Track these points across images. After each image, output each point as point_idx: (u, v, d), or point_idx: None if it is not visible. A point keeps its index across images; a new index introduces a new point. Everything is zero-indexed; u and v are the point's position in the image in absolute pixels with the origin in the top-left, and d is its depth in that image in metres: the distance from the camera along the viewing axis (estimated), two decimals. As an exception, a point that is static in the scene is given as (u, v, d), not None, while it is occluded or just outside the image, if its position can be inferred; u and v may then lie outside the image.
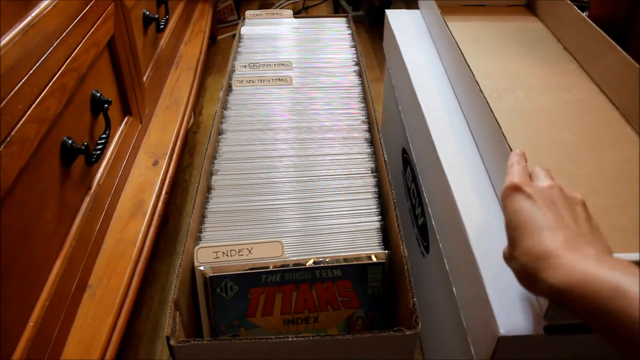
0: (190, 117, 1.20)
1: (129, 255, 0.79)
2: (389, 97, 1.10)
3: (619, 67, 0.76)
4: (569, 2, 0.91)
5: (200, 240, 0.62)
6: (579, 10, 0.87)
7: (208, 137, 0.74)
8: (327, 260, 0.58)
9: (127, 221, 0.84)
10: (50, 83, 0.65)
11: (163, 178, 0.93)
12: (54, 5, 0.66)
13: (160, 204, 0.89)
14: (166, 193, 0.92)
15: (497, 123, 0.63)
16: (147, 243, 0.82)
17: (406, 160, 0.92)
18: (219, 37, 1.95)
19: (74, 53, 0.71)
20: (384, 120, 1.21)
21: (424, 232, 0.80)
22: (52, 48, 0.65)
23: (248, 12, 1.12)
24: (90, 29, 0.76)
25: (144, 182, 0.91)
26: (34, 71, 0.61)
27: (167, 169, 0.96)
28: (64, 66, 0.68)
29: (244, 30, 1.06)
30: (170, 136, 1.04)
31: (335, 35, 1.04)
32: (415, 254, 0.86)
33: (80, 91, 0.74)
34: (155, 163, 0.95)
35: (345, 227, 0.63)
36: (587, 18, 0.85)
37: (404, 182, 0.95)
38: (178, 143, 1.04)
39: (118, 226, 0.82)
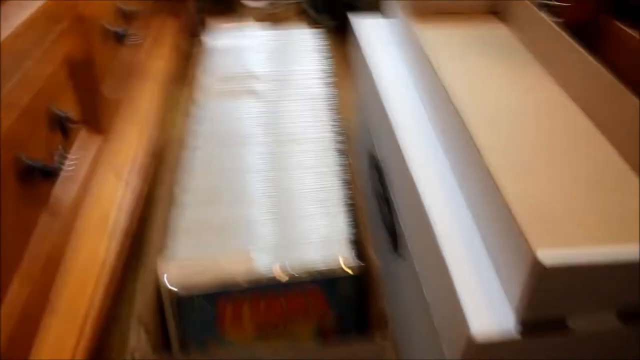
0: (157, 131, 1.17)
1: (95, 274, 0.76)
2: (358, 102, 1.10)
3: (582, 68, 0.76)
4: (534, 7, 0.91)
5: (167, 255, 0.61)
6: (542, 14, 0.88)
7: (174, 150, 0.72)
8: (298, 271, 0.56)
9: (92, 239, 0.81)
10: (3, 99, 0.62)
11: (128, 193, 0.91)
12: (6, 20, 0.64)
13: (127, 220, 0.87)
14: (132, 208, 0.89)
15: (465, 126, 0.62)
16: (115, 262, 0.80)
17: (374, 165, 0.91)
18: (186, 49, 1.93)
19: (29, 68, 0.69)
20: (356, 126, 1.20)
21: (394, 238, 0.79)
22: (5, 64, 0.63)
23: (215, 24, 1.11)
24: (45, 44, 0.74)
25: (109, 197, 0.88)
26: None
27: (134, 184, 0.93)
28: (18, 82, 0.66)
29: (211, 42, 1.04)
30: (135, 150, 1.01)
31: (302, 46, 1.04)
32: (388, 259, 0.86)
33: (36, 105, 0.72)
34: (121, 178, 0.93)
35: (317, 238, 0.62)
36: (550, 21, 0.86)
37: (374, 188, 0.94)
38: (144, 157, 1.01)
39: (83, 245, 0.80)
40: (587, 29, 0.97)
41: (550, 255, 0.44)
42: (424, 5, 1.05)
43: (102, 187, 0.90)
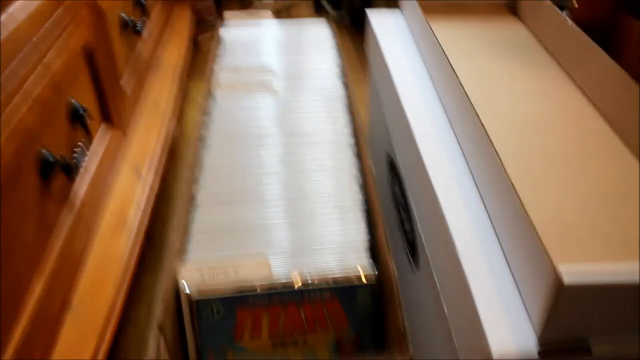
0: (173, 124, 1.18)
1: (113, 273, 0.77)
2: (373, 100, 1.09)
3: (603, 71, 0.75)
4: (550, 3, 0.90)
5: (185, 260, 0.61)
6: (561, 13, 0.87)
7: (191, 147, 0.72)
8: (315, 281, 0.57)
9: (110, 237, 0.82)
10: (22, 92, 0.62)
11: (147, 191, 0.91)
12: (22, 10, 0.64)
13: (144, 218, 0.87)
14: (150, 207, 0.90)
15: (484, 129, 0.62)
16: (132, 260, 0.80)
17: (393, 168, 0.91)
18: (199, 37, 1.92)
19: (46, 59, 0.69)
20: (370, 124, 1.20)
21: (413, 247, 0.79)
22: (22, 55, 0.63)
23: (227, 14, 1.11)
24: (62, 34, 0.74)
25: (127, 195, 0.89)
26: (3, 81, 0.59)
27: (150, 181, 0.94)
28: (36, 74, 0.66)
29: (224, 32, 1.04)
30: (153, 145, 1.01)
31: (316, 38, 1.03)
32: (405, 268, 0.86)
33: (55, 99, 0.72)
34: (139, 175, 0.93)
35: (334, 244, 0.62)
36: (569, 20, 0.85)
37: (391, 192, 0.94)
38: (162, 153, 1.02)
39: (101, 243, 0.80)
40: (600, 27, 0.95)
41: (572, 272, 0.44)
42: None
43: (121, 184, 0.91)
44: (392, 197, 0.94)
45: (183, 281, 0.57)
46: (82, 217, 0.78)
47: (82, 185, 0.79)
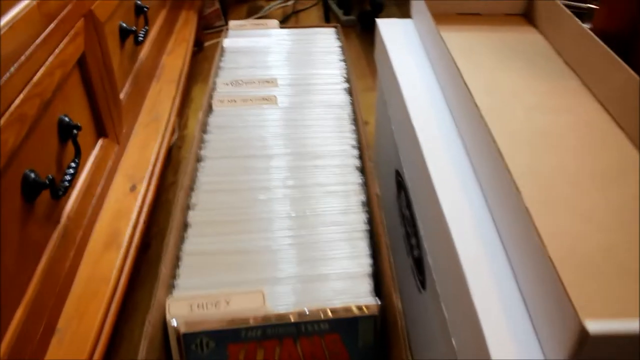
0: (172, 134, 1.14)
1: (102, 293, 0.73)
2: (381, 112, 1.05)
3: (626, 86, 0.71)
4: (569, 13, 0.85)
5: (174, 289, 0.57)
6: (580, 23, 0.82)
7: (189, 163, 0.68)
8: (313, 312, 0.52)
9: (100, 254, 0.78)
10: (8, 114, 0.59)
11: (141, 204, 0.87)
12: (10, 26, 0.60)
13: (137, 233, 0.83)
14: (144, 221, 0.86)
15: (497, 148, 0.57)
16: (123, 277, 0.76)
17: (400, 184, 0.87)
18: (206, 44, 1.89)
19: (36, 77, 0.65)
20: (377, 137, 1.15)
21: (419, 266, 0.75)
22: (8, 74, 0.59)
23: (232, 23, 1.07)
24: (55, 49, 0.70)
25: (120, 209, 0.85)
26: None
27: (145, 194, 0.90)
28: (23, 93, 0.62)
29: (227, 42, 1.00)
30: (150, 156, 0.98)
31: (323, 48, 0.99)
32: (411, 288, 0.81)
33: (44, 118, 0.68)
34: (133, 188, 0.90)
35: (334, 272, 0.58)
36: (589, 31, 0.80)
37: (398, 207, 0.89)
38: (158, 164, 0.98)
39: (90, 261, 0.76)
40: (622, 38, 0.90)
41: (597, 323, 0.39)
42: (451, 5, 1.00)
43: (114, 198, 0.87)
44: (399, 212, 0.90)
45: (170, 313, 0.53)
46: (70, 235, 0.74)
47: (71, 202, 0.75)
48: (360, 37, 1.94)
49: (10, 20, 0.60)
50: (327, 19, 2.05)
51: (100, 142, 0.87)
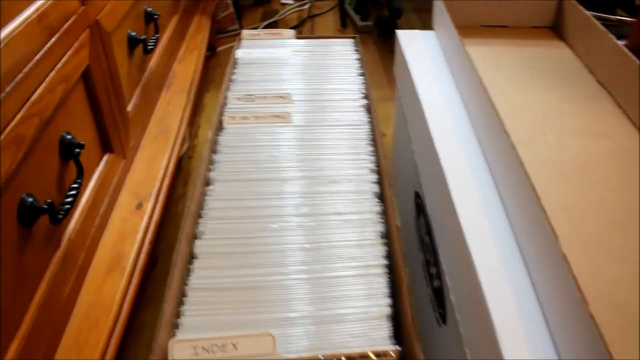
0: (182, 146, 1.10)
1: (103, 321, 0.69)
2: (400, 127, 1.00)
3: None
4: (602, 27, 0.80)
5: (177, 328, 0.53)
6: (614, 38, 0.77)
7: (195, 192, 0.64)
8: (327, 358, 0.48)
9: (103, 279, 0.74)
10: (5, 136, 0.55)
11: (147, 224, 0.83)
12: (5, 43, 0.56)
13: (142, 255, 0.79)
14: (150, 242, 0.82)
15: (530, 181, 0.52)
16: (126, 305, 0.72)
17: (419, 206, 0.82)
18: (219, 48, 1.85)
19: (35, 95, 0.61)
20: (394, 151, 1.10)
21: (440, 298, 0.70)
22: (4, 94, 0.55)
23: (245, 32, 1.02)
24: (57, 64, 0.66)
25: (125, 229, 0.81)
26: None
27: (152, 212, 0.86)
28: (21, 113, 0.58)
29: (240, 53, 0.96)
30: (157, 171, 0.94)
31: (341, 61, 0.94)
32: (429, 320, 0.76)
33: (44, 137, 0.65)
34: (139, 206, 0.86)
35: (349, 312, 0.53)
36: (624, 48, 0.75)
37: (417, 230, 0.85)
38: (167, 179, 0.94)
39: (92, 286, 0.72)
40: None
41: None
42: (475, 17, 0.95)
43: (119, 217, 0.83)
44: (417, 236, 0.85)
45: (173, 357, 0.49)
46: (71, 258, 0.70)
47: (72, 224, 0.71)
48: (378, 44, 1.89)
49: (7, 36, 0.56)
50: (344, 24, 2.00)
51: (105, 157, 0.83)
